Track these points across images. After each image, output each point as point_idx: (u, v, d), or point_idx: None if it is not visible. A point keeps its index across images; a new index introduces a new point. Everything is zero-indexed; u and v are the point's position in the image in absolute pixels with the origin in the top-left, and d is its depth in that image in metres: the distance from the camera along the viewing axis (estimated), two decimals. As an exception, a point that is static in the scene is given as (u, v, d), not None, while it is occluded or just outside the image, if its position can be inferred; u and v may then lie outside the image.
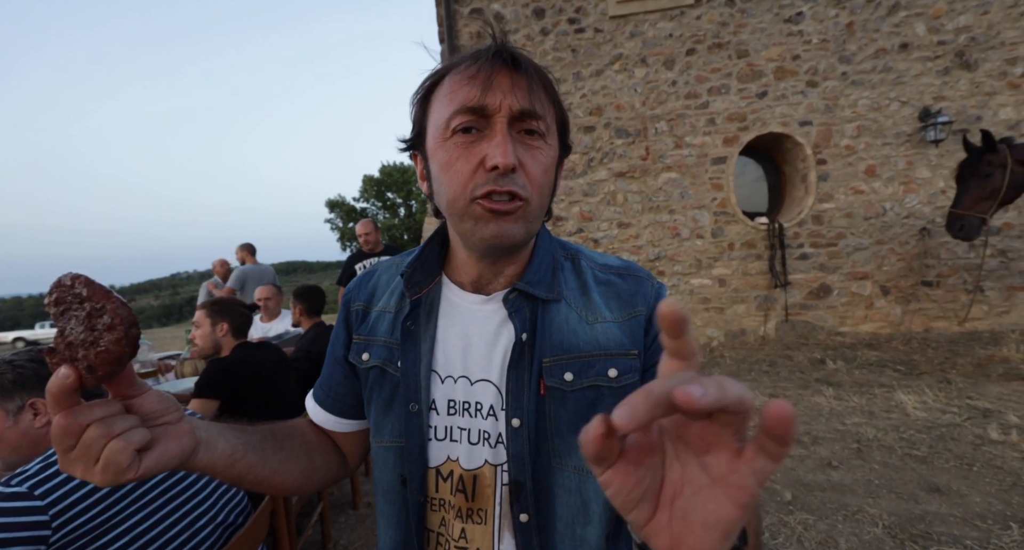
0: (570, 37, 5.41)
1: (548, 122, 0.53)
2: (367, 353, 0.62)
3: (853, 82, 5.00)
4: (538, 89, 0.51)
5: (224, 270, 4.99)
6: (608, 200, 5.50)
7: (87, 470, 0.38)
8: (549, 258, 0.60)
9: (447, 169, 0.51)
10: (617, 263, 0.63)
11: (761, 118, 5.17)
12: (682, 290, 5.43)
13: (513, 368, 0.55)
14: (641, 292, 0.59)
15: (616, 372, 0.55)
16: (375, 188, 36.55)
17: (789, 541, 1.92)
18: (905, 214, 5.03)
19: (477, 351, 0.58)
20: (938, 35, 4.85)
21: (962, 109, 4.85)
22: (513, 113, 0.49)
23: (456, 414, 0.57)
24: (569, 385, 0.54)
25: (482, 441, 0.56)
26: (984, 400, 3.16)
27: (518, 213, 0.50)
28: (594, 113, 5.44)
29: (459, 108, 0.50)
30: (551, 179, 0.55)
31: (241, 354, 1.94)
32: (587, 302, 0.58)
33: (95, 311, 0.38)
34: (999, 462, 2.37)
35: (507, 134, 0.49)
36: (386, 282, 0.67)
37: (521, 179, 0.50)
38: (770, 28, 5.09)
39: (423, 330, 0.59)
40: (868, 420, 3.00)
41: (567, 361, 0.55)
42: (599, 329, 0.56)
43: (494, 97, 0.49)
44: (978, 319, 4.95)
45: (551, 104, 0.54)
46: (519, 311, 0.56)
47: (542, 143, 0.53)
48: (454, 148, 0.51)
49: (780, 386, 3.80)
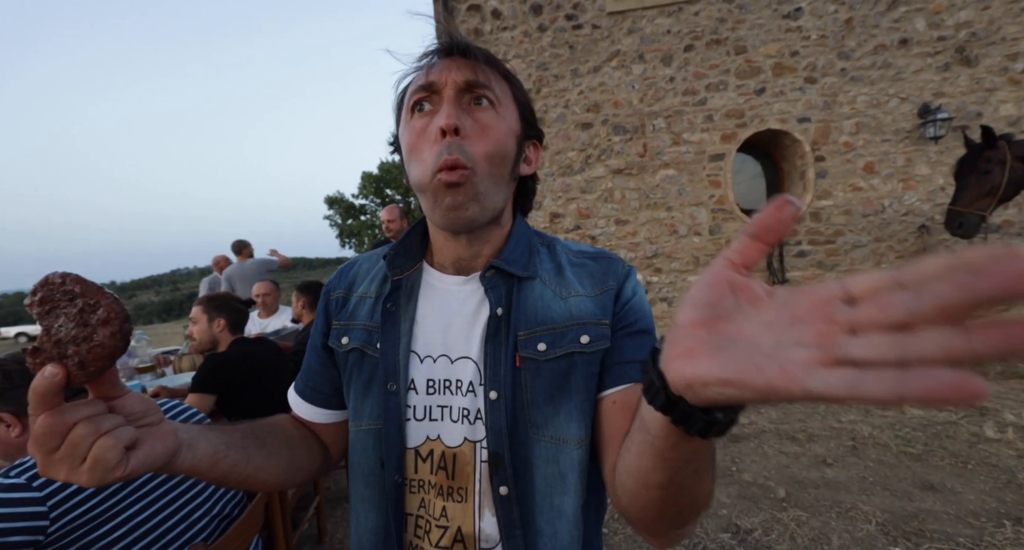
0: (567, 33, 5.38)
1: (497, 92, 0.57)
2: (346, 337, 0.63)
3: (852, 78, 4.97)
4: (484, 65, 0.56)
5: (224, 267, 4.98)
6: (606, 197, 5.49)
7: (72, 470, 0.38)
8: (525, 241, 0.63)
9: (412, 150, 0.55)
10: (590, 250, 0.66)
11: (759, 115, 5.15)
12: (680, 287, 5.42)
13: (490, 342, 0.56)
14: (612, 270, 0.62)
15: (588, 338, 0.56)
16: (374, 185, 36.50)
17: (782, 538, 1.92)
18: (904, 211, 5.01)
19: (457, 330, 0.59)
20: (938, 31, 4.82)
21: (962, 105, 4.83)
22: (458, 85, 0.54)
23: (435, 393, 0.58)
24: (543, 355, 0.56)
25: (462, 418, 0.57)
26: (981, 397, 3.16)
27: (466, 185, 0.52)
28: (592, 110, 5.42)
29: (414, 89, 0.56)
30: (504, 148, 0.56)
31: (238, 350, 1.95)
32: (561, 280, 0.61)
33: (88, 306, 0.38)
34: (994, 460, 2.37)
35: (452, 102, 0.53)
36: (367, 270, 0.69)
37: (466, 148, 0.52)
38: (768, 24, 5.06)
39: (403, 312, 0.61)
40: (864, 418, 3.00)
41: (541, 332, 0.56)
42: (572, 302, 0.59)
43: (440, 75, 0.54)
44: (976, 317, 4.93)
45: (503, 80, 0.59)
46: (495, 287, 0.59)
47: (490, 111, 0.56)
48: (414, 128, 0.56)
49: (777, 383, 3.80)
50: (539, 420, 0.55)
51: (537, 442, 0.55)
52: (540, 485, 0.55)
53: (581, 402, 0.56)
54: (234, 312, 2.04)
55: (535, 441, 0.55)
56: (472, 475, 0.56)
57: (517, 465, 0.55)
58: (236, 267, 4.44)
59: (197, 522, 1.04)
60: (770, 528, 1.99)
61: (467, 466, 0.56)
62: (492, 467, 0.55)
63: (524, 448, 0.55)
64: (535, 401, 0.56)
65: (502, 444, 0.54)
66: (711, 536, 1.97)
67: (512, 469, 0.54)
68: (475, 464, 0.56)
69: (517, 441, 0.55)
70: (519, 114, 0.60)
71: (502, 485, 0.54)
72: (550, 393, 0.56)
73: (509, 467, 0.54)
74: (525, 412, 0.55)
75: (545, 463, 0.55)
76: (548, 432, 0.55)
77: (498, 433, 0.54)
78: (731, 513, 2.12)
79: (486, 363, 0.56)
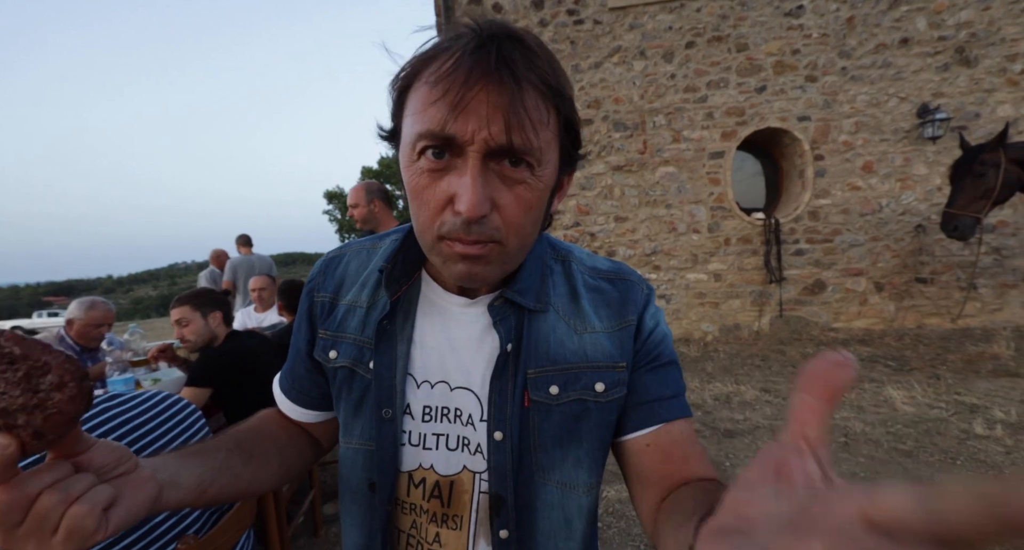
0: (569, 29, 5.37)
1: (539, 151, 0.43)
2: (335, 350, 0.58)
3: (852, 77, 4.98)
4: (529, 108, 0.41)
5: (222, 261, 4.97)
6: (605, 194, 5.50)
7: (42, 545, 0.33)
8: (539, 263, 0.56)
9: (415, 198, 0.45)
10: (607, 266, 0.60)
11: (759, 113, 5.15)
12: (678, 285, 5.44)
13: (496, 379, 0.52)
14: (631, 299, 0.57)
15: (603, 386, 0.53)
16: (379, 178, 36.33)
17: (773, 531, 1.95)
18: (901, 211, 5.04)
19: (459, 357, 0.54)
20: (939, 30, 4.82)
21: (960, 106, 4.84)
22: (490, 148, 0.41)
23: (432, 420, 0.54)
24: (554, 399, 0.52)
25: (461, 446, 0.54)
26: (972, 396, 3.19)
27: (490, 256, 0.45)
28: (592, 106, 5.41)
29: (424, 132, 0.42)
30: (536, 215, 0.47)
31: (233, 343, 1.97)
32: (576, 310, 0.55)
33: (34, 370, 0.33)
34: (982, 456, 2.41)
35: (479, 174, 0.41)
36: (356, 271, 0.61)
37: (495, 221, 0.43)
38: (770, 21, 5.06)
39: (399, 330, 0.55)
40: (857, 415, 3.03)
41: (553, 373, 0.52)
42: (587, 340, 0.54)
43: (465, 125, 0.40)
44: (971, 316, 4.98)
45: (550, 120, 0.44)
46: (504, 319, 0.53)
47: (528, 176, 0.44)
48: (421, 176, 0.44)
49: (772, 381, 3.83)
50: (546, 464, 0.52)
51: (543, 485, 0.52)
52: (544, 529, 0.52)
53: (592, 450, 0.54)
54: (224, 304, 2.05)
55: (541, 485, 0.52)
56: (469, 504, 0.53)
57: (520, 508, 0.52)
58: (243, 259, 4.52)
59: (188, 515, 1.05)
60: (762, 522, 2.02)
61: (464, 495, 0.54)
62: (493, 509, 0.52)
63: (528, 491, 0.52)
64: (543, 444, 0.52)
65: (506, 487, 0.51)
66: (704, 529, 2.01)
67: (515, 512, 0.51)
68: (473, 493, 0.53)
69: (522, 484, 0.52)
70: (559, 150, 0.47)
71: (503, 528, 0.51)
72: (559, 437, 0.52)
73: (512, 510, 0.51)
74: (532, 455, 0.52)
75: (550, 508, 0.53)
76: (555, 477, 0.53)
77: (502, 475, 0.51)
78: (724, 507, 2.15)
79: (491, 400, 0.52)
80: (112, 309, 2.46)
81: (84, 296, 2.41)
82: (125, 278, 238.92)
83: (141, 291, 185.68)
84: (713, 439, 2.84)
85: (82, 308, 2.33)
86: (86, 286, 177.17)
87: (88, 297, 2.42)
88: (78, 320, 2.32)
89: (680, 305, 5.46)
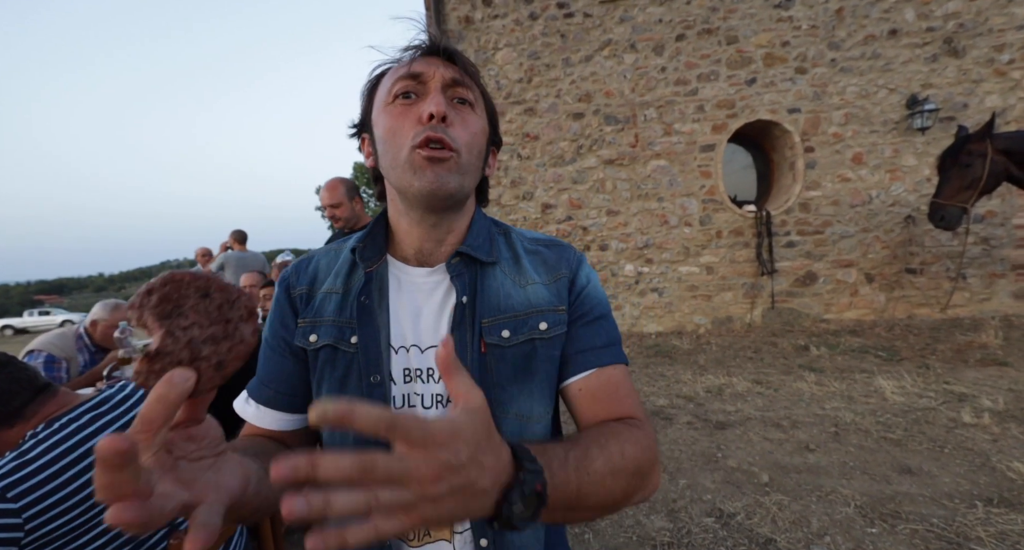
0: (559, 22, 5.33)
1: (475, 96, 0.61)
2: (314, 334, 0.62)
3: (842, 69, 4.99)
4: (465, 70, 0.60)
5: (207, 260, 4.94)
6: (597, 187, 5.49)
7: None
8: (486, 228, 0.67)
9: (390, 130, 0.57)
10: (543, 237, 0.71)
11: (750, 105, 5.15)
12: (670, 278, 5.46)
13: (456, 329, 0.59)
14: (564, 258, 0.67)
15: (546, 325, 0.61)
16: (366, 175, 36.20)
17: (764, 521, 1.97)
18: (891, 202, 5.07)
19: (426, 320, 0.61)
20: (927, 21, 4.84)
21: (949, 96, 4.87)
22: (445, 80, 0.57)
23: (411, 381, 0.60)
24: (507, 341, 0.60)
25: (435, 404, 0.60)
26: (960, 385, 3.23)
27: (450, 162, 0.56)
28: (583, 99, 5.39)
29: (398, 77, 0.58)
30: (480, 144, 0.61)
31: None
32: (519, 268, 0.65)
33: (227, 303, 0.36)
34: (970, 444, 2.44)
35: (440, 93, 0.56)
36: (327, 265, 0.68)
37: (452, 132, 0.56)
38: (760, 14, 5.05)
39: (376, 304, 0.62)
40: (847, 405, 3.06)
41: (504, 320, 0.61)
42: (530, 290, 0.63)
43: (427, 67, 0.58)
44: (960, 306, 5.03)
45: (476, 87, 0.62)
46: (460, 275, 0.62)
47: (471, 111, 0.60)
48: (396, 110, 0.58)
49: (763, 372, 3.86)
50: (504, 400, 0.59)
51: (503, 419, 0.59)
52: None
53: (542, 383, 0.61)
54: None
55: (501, 419, 0.59)
56: None
57: None
58: (236, 254, 4.45)
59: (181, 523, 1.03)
60: (752, 512, 2.04)
61: None
62: None
63: None
64: (500, 383, 0.59)
65: None
66: (695, 520, 2.02)
67: None
68: None
69: None
70: (487, 120, 0.64)
71: None
72: (514, 375, 0.60)
73: None
74: (491, 393, 0.59)
75: (511, 438, 0.57)
76: (513, 410, 0.60)
77: None
78: (715, 498, 2.16)
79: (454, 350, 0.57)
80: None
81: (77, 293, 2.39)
82: (116, 276, 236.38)
83: (133, 289, 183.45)
84: (705, 431, 2.86)
85: (106, 309, 2.38)
86: (77, 284, 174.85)
87: (111, 299, 2.49)
88: (102, 321, 2.35)
89: (673, 298, 5.48)
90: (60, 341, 2.25)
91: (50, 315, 29.20)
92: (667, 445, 2.71)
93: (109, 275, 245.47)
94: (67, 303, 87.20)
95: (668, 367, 4.23)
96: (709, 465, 2.46)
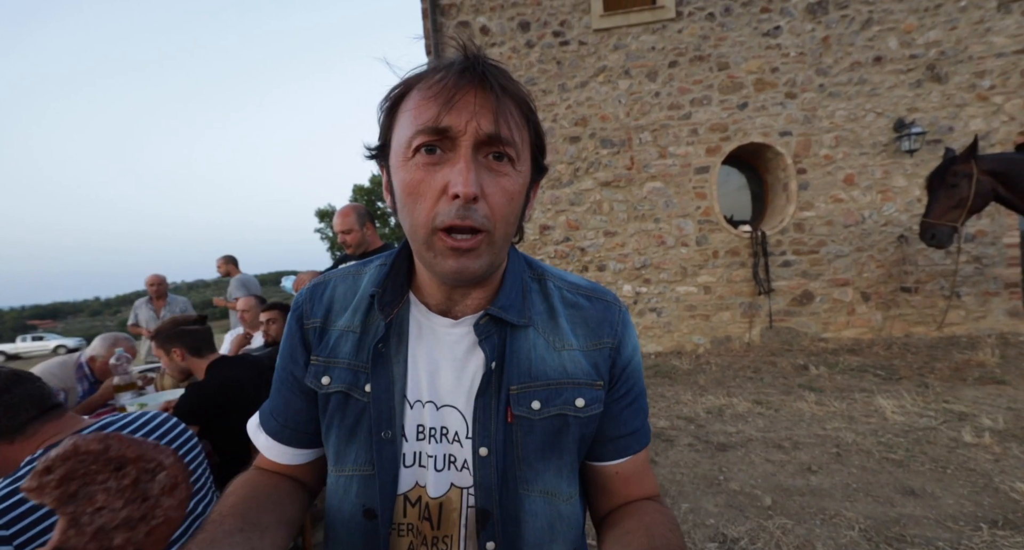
0: (555, 49, 5.51)
1: (519, 146, 0.49)
2: (327, 376, 0.58)
3: (830, 94, 5.14)
4: (509, 110, 0.48)
5: (158, 289, 4.56)
6: (594, 209, 5.57)
7: None
8: (519, 281, 0.59)
9: (409, 194, 0.48)
10: (583, 284, 0.62)
11: (742, 128, 5.29)
12: (668, 298, 5.48)
13: (481, 396, 0.54)
14: (608, 320, 0.59)
15: (583, 402, 0.56)
16: (365, 198, 36.51)
17: (768, 546, 1.94)
18: (883, 222, 5.15)
19: (445, 376, 0.56)
20: (909, 49, 5.02)
21: (934, 120, 5.01)
22: (479, 138, 0.46)
23: (424, 439, 0.56)
24: (536, 413, 0.54)
25: (448, 465, 0.55)
26: (960, 403, 3.23)
27: (480, 248, 0.48)
28: (579, 123, 5.52)
29: (421, 128, 0.46)
30: (517, 207, 0.52)
31: (217, 376, 1.83)
32: (554, 327, 0.58)
33: (146, 474, 0.30)
34: (972, 464, 2.42)
35: (471, 160, 0.46)
36: (343, 296, 0.62)
37: (484, 209, 0.47)
38: (749, 41, 5.23)
39: (394, 353, 0.57)
40: (848, 425, 3.05)
41: (535, 389, 0.55)
42: (566, 357, 0.56)
43: (458, 118, 0.45)
44: (956, 324, 5.06)
45: (525, 126, 0.51)
46: (489, 337, 0.55)
47: (510, 169, 0.49)
48: (416, 170, 0.48)
49: (764, 392, 3.85)
50: (530, 477, 0.55)
51: (527, 497, 0.55)
52: (529, 538, 0.55)
53: (572, 460, 0.57)
54: (187, 336, 1.88)
55: (524, 496, 0.55)
56: (458, 522, 0.55)
57: (506, 520, 0.54)
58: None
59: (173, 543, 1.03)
60: (756, 537, 2.01)
61: (453, 513, 0.55)
62: (480, 523, 0.54)
63: (513, 503, 0.54)
64: (526, 458, 0.55)
65: (491, 501, 0.53)
66: (698, 546, 1.99)
67: (501, 524, 0.54)
68: (461, 510, 0.55)
69: (507, 497, 0.54)
70: (531, 158, 0.53)
71: (489, 541, 0.53)
72: (542, 450, 0.55)
73: (498, 523, 0.53)
74: (516, 468, 0.54)
75: (534, 517, 0.55)
76: (538, 487, 0.55)
77: (487, 490, 0.53)
78: (718, 522, 2.13)
79: (476, 417, 0.54)
80: (133, 344, 2.57)
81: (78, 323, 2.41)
82: (113, 299, 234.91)
83: (128, 312, 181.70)
84: (706, 453, 2.84)
85: (104, 345, 2.41)
86: (72, 308, 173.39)
87: (110, 333, 2.50)
88: (100, 358, 2.39)
89: (671, 318, 5.49)
90: (60, 371, 2.26)
91: (43, 340, 28.90)
92: (668, 468, 2.69)
93: (105, 299, 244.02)
94: (61, 328, 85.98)
95: (668, 388, 4.21)
96: (711, 488, 2.43)
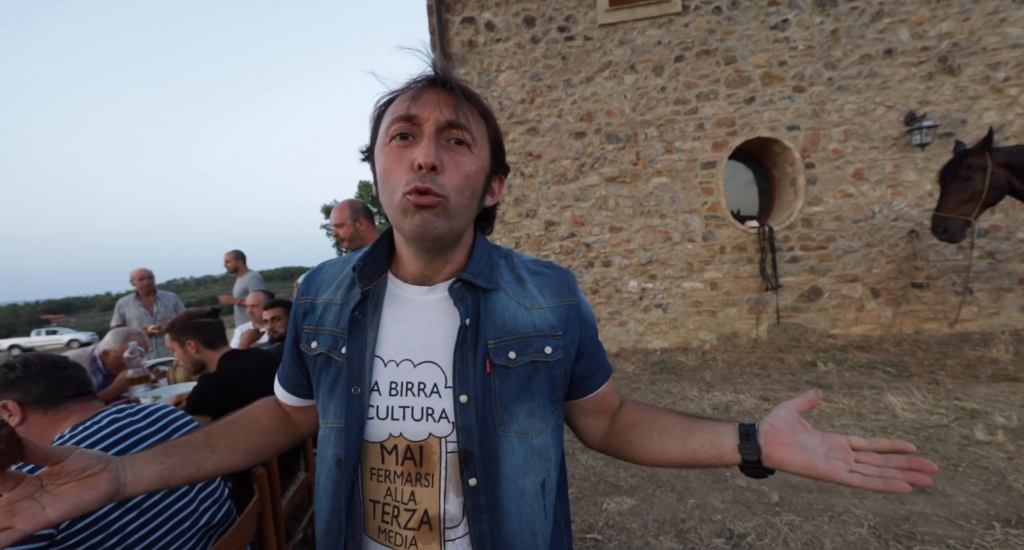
0: (560, 45, 5.47)
1: (475, 133, 0.61)
2: (315, 341, 0.69)
3: (839, 87, 5.07)
4: (467, 106, 0.60)
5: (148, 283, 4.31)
6: (600, 205, 5.54)
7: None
8: (486, 256, 0.69)
9: (386, 171, 0.59)
10: (542, 260, 0.75)
11: (749, 123, 5.23)
12: (674, 293, 5.45)
13: (459, 350, 0.62)
14: (566, 284, 0.70)
15: (551, 349, 0.65)
16: (370, 195, 36.65)
17: (775, 542, 1.93)
18: (893, 217, 5.08)
19: (421, 337, 0.65)
20: (921, 41, 4.93)
21: (947, 113, 4.92)
22: (440, 123, 0.58)
23: (398, 394, 0.63)
24: (513, 362, 0.63)
25: (425, 416, 0.62)
26: (972, 401, 3.18)
27: (437, 208, 0.57)
28: (585, 119, 5.49)
29: (395, 117, 0.59)
30: (474, 184, 0.61)
31: (228, 368, 1.88)
32: (524, 292, 0.68)
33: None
34: (984, 462, 2.39)
35: (432, 139, 0.57)
36: (331, 277, 0.74)
37: (440, 179, 0.57)
38: (756, 35, 5.16)
39: (369, 319, 0.66)
40: (857, 422, 3.02)
41: (510, 341, 0.64)
42: (536, 314, 0.66)
43: (424, 108, 0.58)
44: (968, 320, 4.99)
45: (482, 121, 0.63)
46: (463, 299, 0.64)
47: (467, 152, 0.60)
48: (391, 152, 0.59)
49: (770, 389, 3.82)
50: (506, 419, 0.63)
51: (504, 437, 0.62)
52: (506, 473, 0.62)
53: (543, 401, 0.65)
54: (201, 328, 1.94)
55: (502, 436, 0.62)
56: (438, 463, 0.62)
57: (486, 459, 0.61)
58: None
59: (185, 533, 1.06)
60: (763, 533, 1.99)
61: (433, 456, 0.62)
62: (462, 462, 0.61)
63: (492, 443, 0.62)
64: (503, 402, 0.62)
65: (472, 441, 0.61)
66: (705, 542, 1.98)
67: (481, 462, 0.61)
68: (441, 454, 0.62)
69: (486, 438, 0.61)
70: (491, 152, 0.65)
71: (472, 477, 0.60)
72: (517, 394, 0.63)
73: (479, 461, 0.61)
74: (493, 412, 0.62)
75: (511, 455, 0.62)
76: (514, 428, 0.63)
77: (468, 432, 0.61)
78: (725, 518, 2.12)
79: (455, 369, 0.62)
80: (146, 339, 2.64)
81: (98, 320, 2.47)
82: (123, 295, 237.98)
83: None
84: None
85: (116, 340, 2.46)
86: (84, 303, 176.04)
87: (122, 328, 2.56)
88: (113, 352, 2.44)
89: (677, 313, 5.46)
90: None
91: (57, 334, 29.35)
92: (675, 464, 2.68)
93: (116, 294, 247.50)
94: (74, 322, 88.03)
95: (674, 384, 4.19)
96: (718, 484, 2.42)
